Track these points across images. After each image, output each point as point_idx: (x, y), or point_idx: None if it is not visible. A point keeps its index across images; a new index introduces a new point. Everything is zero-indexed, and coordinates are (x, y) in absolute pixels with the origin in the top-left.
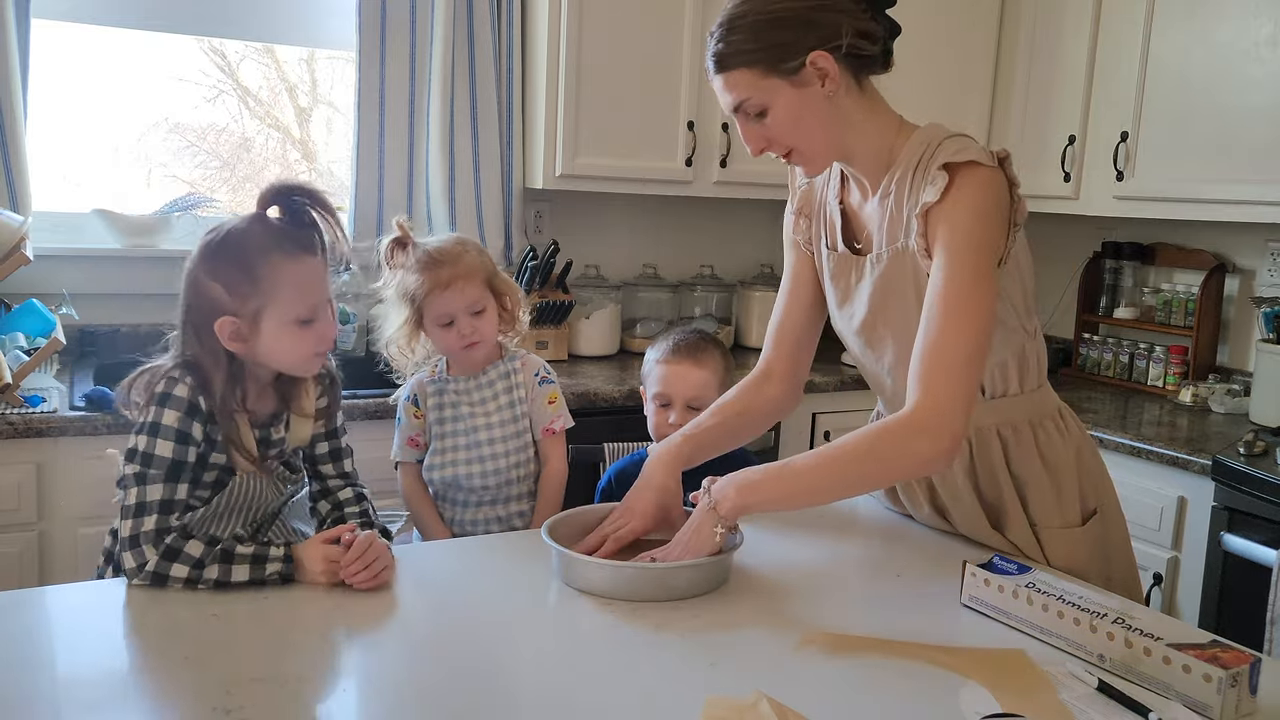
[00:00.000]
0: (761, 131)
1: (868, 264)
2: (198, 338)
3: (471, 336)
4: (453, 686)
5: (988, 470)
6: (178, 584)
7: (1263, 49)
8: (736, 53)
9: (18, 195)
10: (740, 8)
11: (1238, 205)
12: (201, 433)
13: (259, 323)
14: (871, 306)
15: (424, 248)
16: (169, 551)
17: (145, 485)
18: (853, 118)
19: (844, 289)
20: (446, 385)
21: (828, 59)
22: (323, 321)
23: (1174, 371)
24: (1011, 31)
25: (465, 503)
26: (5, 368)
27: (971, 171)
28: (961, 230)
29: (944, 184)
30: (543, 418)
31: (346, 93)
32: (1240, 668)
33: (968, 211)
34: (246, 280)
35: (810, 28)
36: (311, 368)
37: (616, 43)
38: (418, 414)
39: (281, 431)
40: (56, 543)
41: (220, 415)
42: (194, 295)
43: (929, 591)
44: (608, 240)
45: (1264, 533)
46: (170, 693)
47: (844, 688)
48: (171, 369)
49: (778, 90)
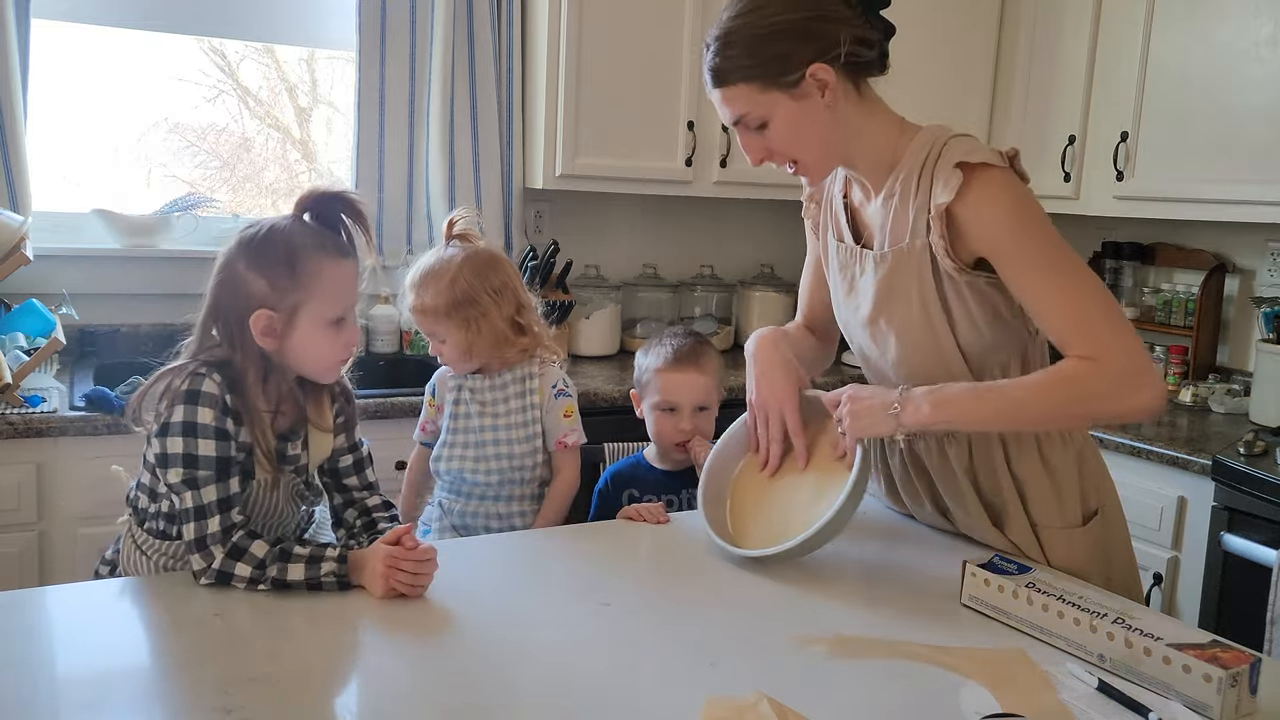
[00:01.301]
0: (763, 143)
1: (871, 260)
2: (229, 333)
3: (442, 358)
4: (452, 686)
5: (989, 470)
6: (241, 583)
7: (1263, 49)
8: (734, 68)
9: (18, 195)
10: (735, 20)
11: (1238, 205)
12: (234, 429)
13: (295, 319)
14: (876, 303)
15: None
16: (235, 550)
17: (199, 489)
18: (853, 124)
19: (849, 280)
20: (464, 382)
21: (827, 70)
22: (351, 326)
23: (1174, 371)
24: (1011, 31)
25: (469, 495)
26: (5, 368)
27: (985, 172)
28: (1005, 231)
29: (958, 183)
30: (557, 430)
31: (346, 93)
32: (1240, 668)
33: (999, 212)
34: (288, 274)
35: (808, 39)
36: (334, 374)
37: (616, 43)
38: (432, 403)
39: (298, 448)
40: (56, 543)
41: (249, 413)
42: (230, 289)
43: (929, 591)
44: (608, 240)
45: (1264, 533)
46: (170, 692)
47: (844, 688)
48: (196, 367)
49: (778, 103)
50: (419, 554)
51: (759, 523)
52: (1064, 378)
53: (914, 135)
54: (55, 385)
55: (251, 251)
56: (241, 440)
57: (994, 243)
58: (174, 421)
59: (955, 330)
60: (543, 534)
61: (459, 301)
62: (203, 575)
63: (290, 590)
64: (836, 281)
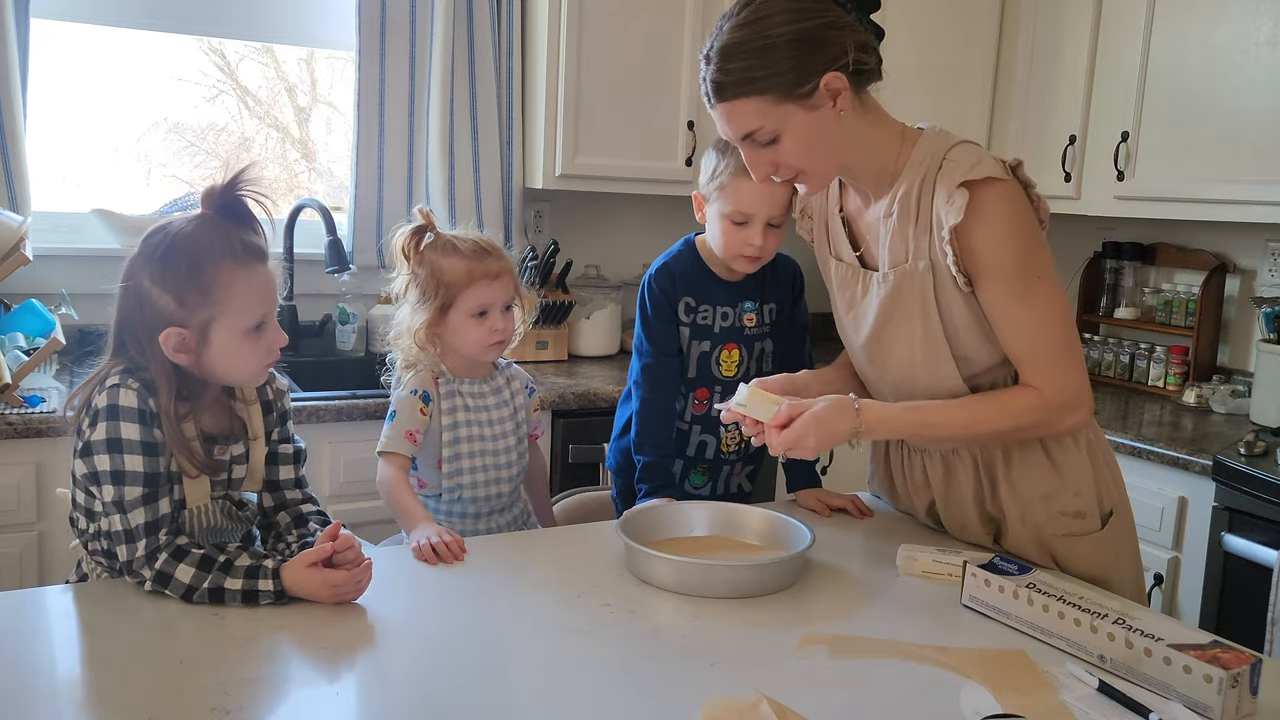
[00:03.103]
0: (771, 158)
1: (874, 282)
2: (138, 345)
3: (501, 333)
4: (450, 687)
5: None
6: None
7: (1263, 49)
8: (742, 80)
9: (17, 195)
10: (739, 32)
11: (1238, 205)
12: (161, 438)
13: (208, 334)
14: (876, 324)
15: (465, 237)
16: (160, 577)
17: (126, 513)
18: (858, 133)
19: (849, 299)
20: (459, 387)
21: (840, 79)
22: (272, 331)
23: (1174, 372)
24: (1011, 32)
25: (476, 514)
26: (5, 368)
27: (990, 188)
28: (1000, 248)
29: (964, 203)
30: (529, 424)
31: (346, 93)
32: (1240, 668)
33: (1000, 230)
34: (196, 289)
35: (817, 48)
36: (260, 379)
37: (616, 43)
38: (424, 410)
39: (227, 453)
40: (56, 543)
41: (166, 425)
42: (135, 302)
43: (929, 591)
44: (608, 240)
45: (1265, 533)
46: (167, 693)
47: (844, 688)
48: (111, 376)
49: (791, 116)
50: (357, 574)
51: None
52: (1004, 410)
53: (915, 142)
54: (55, 385)
55: (156, 264)
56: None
57: (979, 257)
58: (96, 440)
59: (955, 351)
60: (541, 534)
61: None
62: (144, 589)
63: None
64: (836, 298)
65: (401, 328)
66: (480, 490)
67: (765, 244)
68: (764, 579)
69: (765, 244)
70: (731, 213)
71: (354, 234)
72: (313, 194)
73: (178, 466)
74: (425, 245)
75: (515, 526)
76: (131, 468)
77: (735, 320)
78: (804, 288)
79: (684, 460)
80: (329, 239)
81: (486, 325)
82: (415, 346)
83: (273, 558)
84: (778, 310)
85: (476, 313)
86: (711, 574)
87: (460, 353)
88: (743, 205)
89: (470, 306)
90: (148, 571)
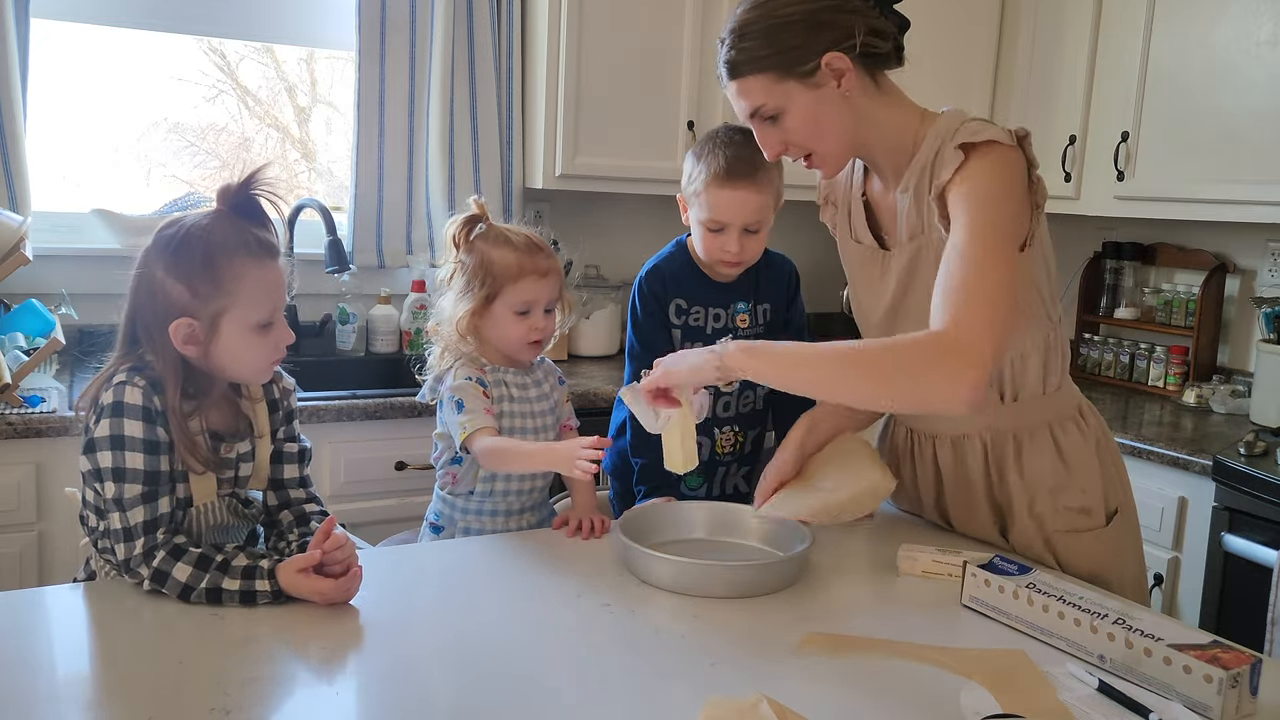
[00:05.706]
0: (779, 136)
1: (891, 259)
2: (149, 337)
3: (541, 333)
4: (450, 687)
5: (1000, 474)
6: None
7: (1263, 49)
8: (750, 59)
9: (17, 195)
10: (750, 13)
11: (1238, 205)
12: (166, 436)
13: (218, 326)
14: (895, 296)
15: (518, 231)
16: (157, 575)
17: (126, 511)
18: (870, 115)
19: (867, 280)
20: (505, 377)
21: (843, 59)
22: (280, 328)
23: (1174, 372)
24: (1012, 31)
25: (507, 512)
26: (5, 368)
27: (987, 149)
28: (978, 200)
29: (958, 163)
30: (563, 415)
31: (346, 93)
32: (1240, 668)
33: (984, 185)
34: (209, 280)
35: (822, 29)
36: (265, 376)
37: (616, 43)
38: (486, 393)
39: (233, 451)
40: (56, 543)
41: (173, 420)
42: (147, 293)
43: (929, 591)
44: (608, 240)
45: (1265, 533)
46: (167, 693)
47: (844, 688)
48: (115, 372)
49: (793, 94)
50: (344, 583)
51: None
52: (885, 342)
53: (933, 123)
54: (55, 385)
55: (169, 255)
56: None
57: (955, 207)
58: (100, 436)
59: None
60: (543, 535)
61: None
62: (142, 588)
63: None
64: (856, 279)
65: (443, 315)
66: (515, 484)
67: (743, 250)
68: (764, 579)
69: (743, 250)
70: (706, 220)
71: (354, 234)
72: (313, 194)
73: (183, 464)
74: (476, 235)
75: (537, 516)
76: (132, 465)
77: (728, 321)
78: (800, 287)
79: None
80: (329, 239)
81: (528, 323)
82: (456, 335)
83: (269, 558)
84: (772, 310)
85: (520, 309)
86: (711, 574)
87: (498, 348)
88: (715, 213)
89: (515, 301)
90: (145, 570)
